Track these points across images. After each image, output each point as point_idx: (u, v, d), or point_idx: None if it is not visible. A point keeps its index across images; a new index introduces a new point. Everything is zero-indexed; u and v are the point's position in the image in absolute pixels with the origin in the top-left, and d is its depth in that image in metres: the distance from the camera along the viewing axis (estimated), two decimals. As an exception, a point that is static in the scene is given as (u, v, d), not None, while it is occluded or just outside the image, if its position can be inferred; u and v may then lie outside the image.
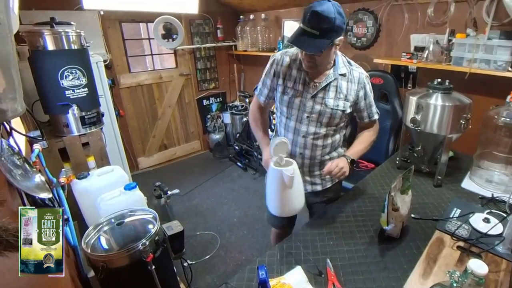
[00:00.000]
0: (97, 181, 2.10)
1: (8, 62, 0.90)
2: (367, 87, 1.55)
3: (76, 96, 2.22)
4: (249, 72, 4.81)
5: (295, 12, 3.77)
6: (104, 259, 1.56)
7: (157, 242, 1.68)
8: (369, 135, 1.67)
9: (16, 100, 0.93)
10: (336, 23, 1.27)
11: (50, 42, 2.09)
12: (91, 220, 2.07)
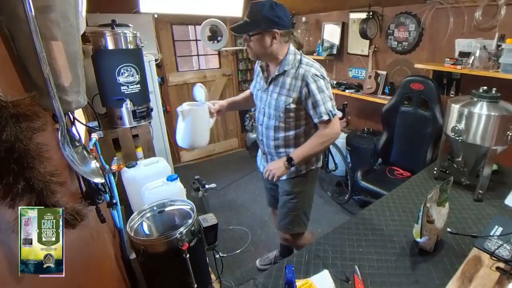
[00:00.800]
0: (143, 170, 2.20)
1: (75, 59, 0.97)
2: (311, 85, 1.51)
3: (130, 92, 2.34)
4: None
5: (335, 16, 3.71)
6: (144, 243, 1.63)
7: (193, 232, 1.73)
8: (315, 138, 1.61)
9: (79, 93, 1.00)
10: (263, 13, 1.43)
11: (110, 42, 2.22)
12: (136, 206, 2.17)
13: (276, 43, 1.51)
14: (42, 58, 0.76)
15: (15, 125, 0.54)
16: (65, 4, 0.89)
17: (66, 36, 0.90)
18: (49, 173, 0.60)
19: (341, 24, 3.60)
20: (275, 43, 1.51)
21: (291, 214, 1.82)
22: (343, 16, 3.58)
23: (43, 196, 0.60)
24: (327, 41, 3.79)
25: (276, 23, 1.46)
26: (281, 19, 1.46)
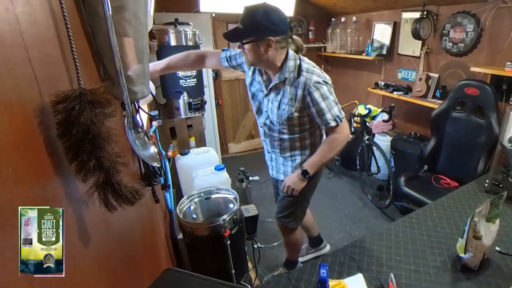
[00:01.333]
0: (194, 158, 2.28)
1: (142, 54, 1.03)
2: (314, 94, 1.41)
3: (187, 85, 2.43)
4: (335, 74, 4.63)
5: (387, 15, 3.50)
6: (191, 226, 1.69)
7: (235, 220, 1.76)
8: (324, 146, 1.56)
9: (144, 85, 1.06)
10: (257, 19, 1.29)
11: (173, 39, 2.32)
12: (186, 191, 2.27)
13: (272, 50, 1.37)
14: (116, 52, 0.82)
15: (91, 110, 0.58)
16: (137, 4, 0.94)
17: (136, 33, 0.95)
18: (116, 154, 0.65)
19: (393, 23, 3.39)
20: (270, 51, 1.37)
21: (288, 210, 1.80)
22: (395, 15, 3.37)
23: (109, 174, 0.65)
24: (377, 41, 3.60)
25: (271, 30, 1.33)
26: (276, 25, 1.33)
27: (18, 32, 0.49)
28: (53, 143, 0.56)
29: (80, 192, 0.64)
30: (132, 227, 1.12)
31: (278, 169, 1.77)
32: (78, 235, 0.63)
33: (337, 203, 3.19)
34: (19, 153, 0.45)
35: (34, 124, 0.51)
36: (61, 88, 0.58)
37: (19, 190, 0.44)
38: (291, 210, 1.81)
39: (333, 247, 2.49)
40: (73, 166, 0.59)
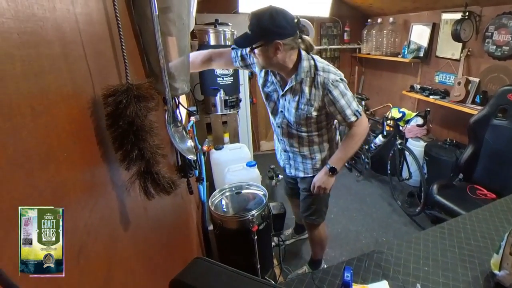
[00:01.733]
0: (228, 154, 2.31)
1: (184, 52, 1.06)
2: (333, 92, 1.41)
3: (224, 83, 2.47)
4: (369, 76, 4.47)
5: (426, 16, 3.29)
6: (221, 218, 1.72)
7: (263, 216, 1.76)
8: (347, 140, 1.56)
9: (185, 82, 1.09)
10: (263, 24, 1.28)
11: (212, 38, 2.37)
12: (218, 184, 2.31)
13: (281, 53, 1.35)
14: (160, 50, 0.85)
15: (136, 104, 0.60)
16: (181, 5, 0.96)
17: (179, 33, 0.98)
18: (156, 146, 0.67)
19: (431, 25, 3.19)
20: (279, 54, 1.35)
21: (312, 207, 1.82)
22: (435, 16, 3.16)
23: (150, 164, 0.67)
24: (414, 42, 3.41)
25: (278, 33, 1.31)
26: (283, 28, 1.31)
27: (77, 30, 0.52)
28: (102, 133, 0.59)
29: (123, 179, 0.67)
30: (167, 215, 1.16)
31: (297, 167, 1.76)
32: (119, 218, 0.66)
33: (365, 207, 3.09)
34: (73, 140, 0.48)
35: (87, 115, 0.54)
36: (111, 82, 0.61)
37: (71, 174, 0.47)
38: (315, 207, 1.82)
39: (358, 251, 2.43)
40: (118, 155, 0.62)
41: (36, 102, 0.39)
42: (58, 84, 0.45)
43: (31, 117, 0.38)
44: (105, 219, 0.58)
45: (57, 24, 0.46)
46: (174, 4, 0.91)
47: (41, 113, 0.40)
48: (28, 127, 0.37)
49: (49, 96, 0.43)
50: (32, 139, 0.38)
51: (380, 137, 3.25)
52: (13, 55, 0.35)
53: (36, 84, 0.40)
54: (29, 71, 0.38)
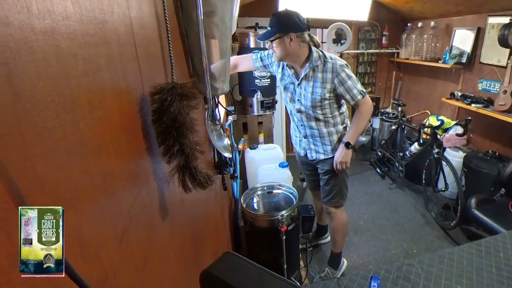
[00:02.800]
0: (262, 153, 2.32)
1: (225, 54, 1.07)
2: (341, 74, 1.64)
3: (261, 85, 2.48)
4: (407, 81, 4.25)
5: (470, 20, 3.05)
6: (252, 216, 1.73)
7: (292, 218, 1.74)
8: (356, 117, 1.73)
9: (225, 82, 1.11)
10: (281, 20, 1.57)
11: (252, 41, 2.39)
12: (251, 183, 2.32)
13: (294, 44, 1.59)
14: (204, 52, 0.87)
15: (179, 102, 0.62)
16: (224, 10, 0.98)
17: (221, 36, 1.00)
18: (195, 142, 0.69)
19: (476, 29, 2.95)
20: (293, 44, 1.59)
21: (334, 189, 1.91)
22: (480, 20, 2.92)
23: (189, 159, 0.69)
24: (457, 48, 3.18)
25: (292, 27, 1.57)
26: (295, 24, 1.57)
27: (131, 33, 0.55)
28: (148, 128, 0.62)
29: (164, 172, 0.70)
30: (202, 209, 1.19)
31: (317, 149, 1.87)
32: (159, 208, 0.69)
33: (396, 216, 2.94)
34: (122, 133, 0.51)
35: (135, 110, 0.57)
36: (158, 81, 0.63)
37: (119, 163, 0.50)
38: (337, 189, 1.91)
39: (387, 261, 2.32)
40: (161, 149, 0.64)
41: (93, 97, 0.42)
42: (112, 81, 0.48)
43: (88, 110, 0.41)
44: (146, 208, 0.61)
45: (114, 27, 0.49)
46: (218, 8, 0.93)
47: (97, 107, 0.43)
48: (86, 120, 0.40)
49: (104, 92, 0.46)
50: (88, 130, 0.41)
51: (416, 145, 3.08)
52: (76, 54, 0.38)
53: (94, 81, 0.42)
54: (89, 69, 0.41)
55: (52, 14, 0.34)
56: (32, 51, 0.31)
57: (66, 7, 0.36)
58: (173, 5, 0.85)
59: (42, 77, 0.32)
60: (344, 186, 1.96)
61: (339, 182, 1.90)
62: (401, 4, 3.53)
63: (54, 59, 0.34)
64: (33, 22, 0.31)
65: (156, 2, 0.69)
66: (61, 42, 0.35)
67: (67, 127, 0.36)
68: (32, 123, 0.31)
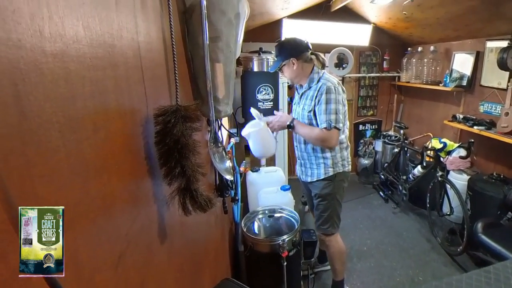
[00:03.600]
0: (263, 176, 2.30)
1: (229, 78, 1.10)
2: (322, 96, 1.63)
3: (264, 107, 2.50)
4: (409, 104, 4.29)
5: (469, 45, 3.11)
6: (252, 241, 1.69)
7: (294, 243, 1.71)
8: (315, 130, 1.68)
9: (228, 105, 1.13)
10: (280, 50, 1.76)
11: (256, 65, 2.44)
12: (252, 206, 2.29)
13: (297, 66, 1.72)
14: (208, 75, 0.89)
15: (183, 124, 0.63)
16: (229, 35, 1.01)
17: (226, 60, 1.03)
18: (197, 164, 0.69)
19: (475, 53, 3.01)
20: (296, 67, 1.73)
21: (324, 215, 1.87)
22: (478, 44, 2.99)
23: (190, 182, 0.69)
24: (457, 71, 3.22)
25: (291, 53, 1.71)
26: (293, 49, 1.72)
27: (138, 57, 0.56)
28: (150, 149, 0.62)
29: (164, 194, 0.69)
30: (201, 232, 1.17)
31: (306, 172, 1.88)
32: (158, 231, 0.68)
33: (401, 242, 2.87)
34: (124, 154, 0.51)
35: (139, 132, 0.58)
36: (163, 103, 0.64)
37: (120, 185, 0.50)
38: (327, 215, 1.87)
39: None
40: (163, 170, 0.64)
41: (98, 118, 0.43)
42: (118, 102, 0.49)
43: (93, 131, 0.41)
44: (144, 230, 0.60)
45: (123, 51, 0.50)
46: (223, 34, 0.96)
47: (101, 128, 0.43)
48: (89, 140, 0.40)
49: (109, 113, 0.46)
50: (91, 151, 0.41)
51: (419, 167, 3.06)
52: (84, 76, 0.39)
53: (100, 102, 0.43)
54: (96, 91, 0.42)
55: (63, 37, 0.35)
56: (41, 73, 0.31)
57: (77, 31, 0.38)
58: (180, 30, 0.88)
59: (49, 98, 0.33)
60: (335, 214, 1.90)
61: (328, 207, 1.86)
62: (401, 29, 3.64)
63: (62, 81, 0.35)
64: (44, 45, 0.32)
65: (164, 27, 0.72)
66: (70, 64, 0.36)
67: (71, 147, 0.36)
68: (36, 143, 0.31)
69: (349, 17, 3.63)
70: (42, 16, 0.32)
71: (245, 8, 1.73)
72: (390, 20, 3.49)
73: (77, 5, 0.38)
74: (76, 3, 0.38)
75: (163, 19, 0.72)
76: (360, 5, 3.38)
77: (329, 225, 1.89)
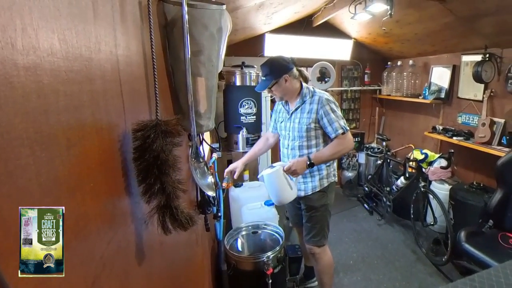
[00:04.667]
0: (247, 192, 2.29)
1: (211, 92, 1.10)
2: (326, 107, 1.73)
3: (247, 122, 2.51)
4: (390, 116, 4.44)
5: (445, 59, 3.30)
6: (236, 259, 1.66)
7: (279, 259, 1.69)
8: (332, 146, 1.75)
9: (210, 119, 1.12)
10: (270, 69, 1.75)
11: (238, 79, 2.46)
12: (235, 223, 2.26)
13: (289, 83, 1.76)
14: (190, 89, 0.89)
15: (163, 139, 0.62)
16: (211, 49, 1.02)
17: (208, 74, 1.03)
18: (178, 181, 0.67)
19: (452, 67, 3.18)
20: (288, 84, 1.76)
21: (316, 226, 1.88)
22: (454, 58, 3.17)
23: (170, 199, 0.67)
24: (435, 84, 3.39)
25: (283, 70, 1.74)
26: (283, 66, 1.75)
27: (117, 70, 0.56)
28: (128, 166, 0.60)
29: (143, 213, 0.67)
30: (182, 251, 1.13)
31: (299, 187, 1.87)
32: (135, 252, 0.65)
33: (387, 254, 2.90)
34: (100, 171, 0.50)
35: (116, 148, 0.56)
36: (142, 117, 0.63)
37: (95, 204, 0.48)
38: (319, 226, 1.88)
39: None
40: (141, 187, 0.62)
41: (72, 133, 0.41)
42: (94, 117, 0.48)
43: (66, 147, 0.40)
44: (121, 252, 0.58)
45: (100, 64, 0.49)
46: (205, 48, 0.97)
47: (75, 144, 0.42)
48: (62, 157, 0.39)
49: (85, 128, 0.45)
50: (64, 168, 0.39)
51: (402, 179, 3.14)
52: (58, 90, 0.38)
53: (75, 117, 0.42)
54: (70, 105, 0.41)
55: (37, 50, 0.34)
56: (12, 87, 0.30)
57: (52, 44, 0.37)
58: (161, 44, 0.88)
59: (19, 113, 0.32)
60: (326, 224, 1.94)
61: (321, 219, 1.90)
62: (381, 44, 3.80)
63: (34, 95, 0.34)
64: (16, 58, 0.31)
65: (144, 40, 0.71)
66: (43, 78, 0.35)
67: (41, 164, 0.35)
68: (4, 160, 0.30)
69: (330, 32, 3.75)
70: (14, 28, 0.31)
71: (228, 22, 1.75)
72: (370, 35, 3.64)
73: (53, 17, 0.37)
74: (51, 15, 0.37)
75: (144, 33, 0.72)
76: (341, 21, 3.51)
77: (321, 236, 1.92)
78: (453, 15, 2.39)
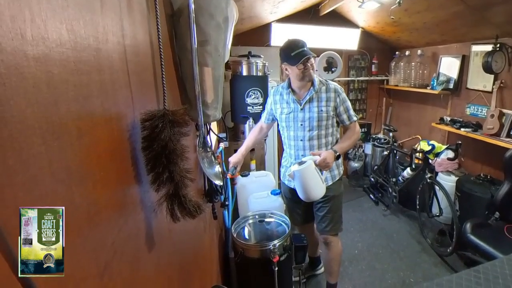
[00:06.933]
0: (253, 181, 2.29)
1: (218, 82, 1.10)
2: (342, 94, 1.82)
3: (253, 112, 2.50)
4: (397, 107, 4.37)
5: (455, 49, 3.21)
6: (243, 246, 1.68)
7: (285, 247, 1.70)
8: (351, 133, 1.86)
9: (217, 109, 1.12)
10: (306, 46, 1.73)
11: (245, 69, 2.44)
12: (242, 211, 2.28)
13: None
14: (197, 79, 0.89)
15: (170, 128, 0.63)
16: (218, 39, 1.02)
17: (214, 64, 1.03)
18: (186, 170, 0.68)
19: (461, 57, 3.10)
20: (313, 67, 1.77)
21: (335, 216, 1.93)
22: (464, 48, 3.08)
23: (178, 187, 0.68)
24: (444, 74, 3.31)
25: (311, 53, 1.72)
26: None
27: (124, 60, 0.56)
28: (137, 155, 0.61)
29: (152, 201, 0.68)
30: (190, 239, 1.15)
31: None
32: (145, 239, 0.67)
33: (392, 244, 2.90)
34: (110, 160, 0.50)
35: (125, 137, 0.57)
36: (150, 107, 0.64)
37: (106, 192, 0.49)
38: (337, 215, 1.94)
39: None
40: (150, 176, 0.63)
41: (82, 123, 0.42)
42: (103, 107, 0.48)
43: (77, 137, 0.40)
44: (131, 239, 0.59)
45: (108, 54, 0.49)
46: (212, 37, 0.96)
47: (85, 134, 0.42)
48: (73, 146, 0.39)
49: (94, 118, 0.45)
50: (75, 157, 0.40)
51: (408, 170, 3.11)
52: (67, 80, 0.38)
53: (84, 107, 0.42)
54: (80, 95, 0.41)
55: (46, 41, 0.34)
56: (23, 77, 0.31)
57: (60, 34, 0.37)
58: (168, 34, 0.88)
59: (31, 103, 0.32)
60: (339, 213, 1.99)
61: (339, 206, 1.96)
62: (389, 34, 3.72)
63: (44, 85, 0.34)
64: (26, 49, 0.31)
65: (151, 30, 0.71)
66: (53, 68, 0.35)
67: (53, 154, 0.35)
68: (17, 149, 0.30)
69: (337, 22, 3.68)
70: (23, 19, 0.31)
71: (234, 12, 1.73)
72: (378, 25, 3.56)
73: (61, 8, 0.37)
74: (59, 6, 0.37)
75: (150, 22, 0.71)
76: (349, 9, 3.43)
77: (339, 223, 1.98)
78: (464, 4, 2.32)
